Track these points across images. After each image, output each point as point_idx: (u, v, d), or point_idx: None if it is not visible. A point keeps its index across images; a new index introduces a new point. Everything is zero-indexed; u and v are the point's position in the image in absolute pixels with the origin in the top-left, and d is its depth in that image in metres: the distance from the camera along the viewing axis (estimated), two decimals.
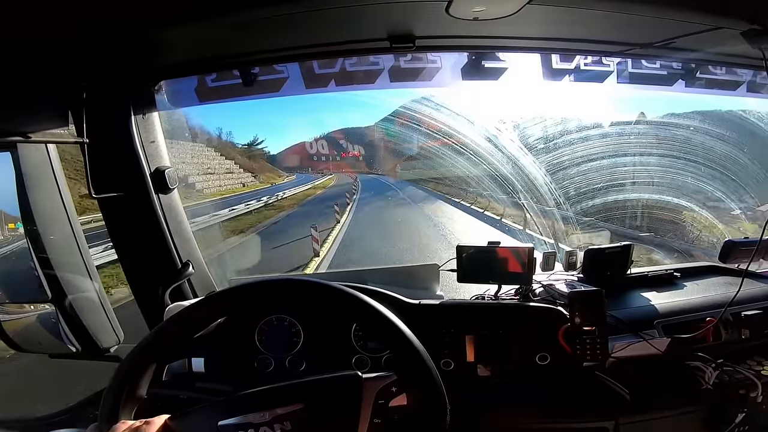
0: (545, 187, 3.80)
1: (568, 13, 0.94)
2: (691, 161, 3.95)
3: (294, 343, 1.26)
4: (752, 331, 1.26)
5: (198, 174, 14.32)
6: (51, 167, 1.18)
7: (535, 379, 1.19)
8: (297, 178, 22.36)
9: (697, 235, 3.57)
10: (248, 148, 21.78)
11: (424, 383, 0.71)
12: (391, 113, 10.29)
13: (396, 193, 16.21)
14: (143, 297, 1.34)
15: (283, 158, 23.21)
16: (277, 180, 21.93)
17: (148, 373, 0.73)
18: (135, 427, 0.65)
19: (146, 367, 0.73)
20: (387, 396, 0.73)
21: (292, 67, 1.39)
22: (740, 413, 1.10)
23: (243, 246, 8.28)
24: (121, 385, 0.70)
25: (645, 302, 1.42)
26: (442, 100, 5.57)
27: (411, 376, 0.72)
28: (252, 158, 22.25)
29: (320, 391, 0.74)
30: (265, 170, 22.38)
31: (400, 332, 0.74)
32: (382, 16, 0.96)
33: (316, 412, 0.70)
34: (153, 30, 0.90)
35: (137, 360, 0.73)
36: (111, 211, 1.26)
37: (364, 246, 8.18)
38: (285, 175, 23.20)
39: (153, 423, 0.66)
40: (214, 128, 22.27)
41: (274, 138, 29.57)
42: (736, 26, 0.93)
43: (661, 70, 1.44)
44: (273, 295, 0.82)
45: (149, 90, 1.27)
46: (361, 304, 0.77)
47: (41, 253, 1.20)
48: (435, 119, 6.09)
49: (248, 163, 21.67)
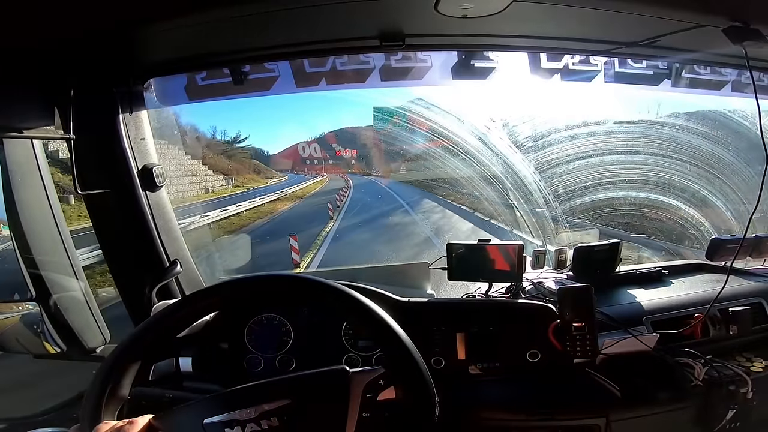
0: (534, 185, 3.84)
1: (554, 10, 0.95)
2: (677, 159, 4.01)
3: (284, 342, 1.25)
4: (739, 327, 1.28)
5: (180, 175, 13.92)
6: (37, 164, 1.17)
7: (525, 376, 1.20)
8: (288, 179, 22.03)
9: (684, 232, 3.63)
10: (229, 146, 21.21)
11: (411, 376, 0.71)
12: (387, 113, 10.25)
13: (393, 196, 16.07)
14: (129, 296, 1.32)
15: (274, 159, 22.97)
16: (259, 183, 21.38)
17: (130, 373, 0.71)
18: (117, 427, 0.63)
19: (129, 367, 0.71)
20: (375, 390, 0.73)
21: (283, 66, 1.39)
22: (731, 409, 1.11)
23: (232, 246, 8.20)
24: (102, 384, 0.69)
25: (633, 299, 1.44)
26: (433, 99, 5.58)
27: (398, 369, 0.72)
28: (233, 158, 21.74)
29: (307, 386, 0.73)
30: (245, 171, 21.85)
31: (386, 325, 0.74)
32: (372, 13, 0.95)
33: (304, 407, 0.69)
34: (139, 27, 0.88)
35: (119, 359, 0.71)
36: (97, 208, 1.24)
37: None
38: (277, 175, 22.89)
39: (136, 423, 0.64)
40: (206, 125, 21.80)
41: (263, 137, 29.14)
42: (717, 23, 0.94)
43: (648, 69, 1.47)
44: (257, 290, 0.81)
45: (138, 88, 1.25)
46: (346, 297, 0.76)
47: (25, 251, 1.18)
48: (426, 118, 6.11)
49: (228, 164, 21.19)
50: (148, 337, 0.74)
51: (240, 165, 21.33)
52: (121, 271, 1.32)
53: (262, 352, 1.24)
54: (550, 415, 1.09)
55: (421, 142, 10.84)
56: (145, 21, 0.85)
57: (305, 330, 1.26)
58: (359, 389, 0.72)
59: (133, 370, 0.72)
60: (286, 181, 21.47)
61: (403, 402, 0.71)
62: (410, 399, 0.70)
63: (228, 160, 20.50)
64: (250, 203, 13.81)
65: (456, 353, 1.20)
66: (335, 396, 0.71)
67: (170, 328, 0.77)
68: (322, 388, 0.73)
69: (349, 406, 0.70)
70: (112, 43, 0.96)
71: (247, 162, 21.80)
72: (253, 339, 1.25)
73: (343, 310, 0.77)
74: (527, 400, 1.14)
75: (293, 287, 0.79)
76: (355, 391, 0.71)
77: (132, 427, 0.63)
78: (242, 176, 20.82)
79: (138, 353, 0.73)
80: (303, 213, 13.50)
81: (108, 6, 0.79)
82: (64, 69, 1.04)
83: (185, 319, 0.78)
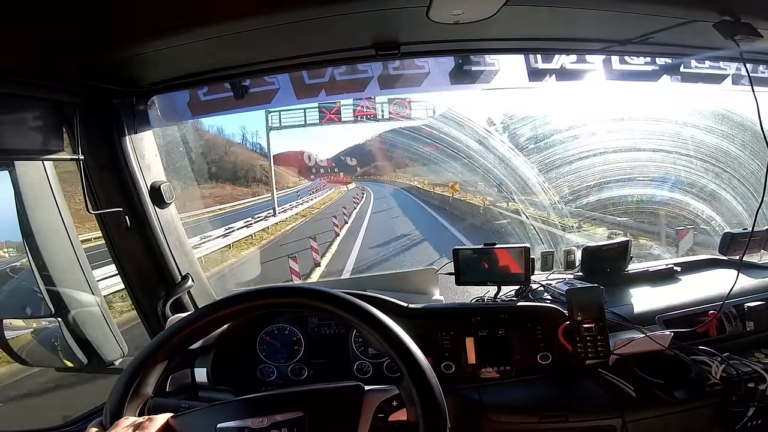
0: (539, 186, 3.83)
1: (545, 13, 0.96)
2: (683, 155, 3.97)
3: (295, 352, 1.26)
4: (756, 322, 1.25)
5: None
6: (49, 184, 1.20)
7: (537, 378, 1.19)
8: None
9: (695, 228, 3.57)
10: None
11: (427, 401, 0.69)
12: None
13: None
14: (145, 310, 1.35)
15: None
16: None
17: (156, 372, 0.74)
18: (137, 423, 0.65)
19: (155, 365, 0.74)
20: (387, 410, 0.72)
21: (282, 79, 1.42)
22: (751, 407, 1.08)
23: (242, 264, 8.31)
24: (129, 380, 0.71)
25: (645, 297, 1.42)
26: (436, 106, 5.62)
27: (414, 393, 0.70)
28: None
29: (321, 400, 0.73)
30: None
31: (405, 347, 0.72)
32: (366, 24, 0.97)
33: (315, 420, 0.69)
34: (140, 46, 0.91)
35: (147, 358, 0.74)
36: (109, 227, 1.26)
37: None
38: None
39: (155, 420, 0.66)
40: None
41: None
42: (708, 18, 0.94)
43: (646, 65, 1.46)
44: (270, 303, 0.81)
45: (141, 106, 1.28)
46: (364, 314, 0.75)
47: (43, 269, 1.21)
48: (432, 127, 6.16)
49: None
50: (175, 338, 0.77)
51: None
52: (135, 287, 1.35)
53: (274, 361, 1.26)
54: (564, 416, 1.07)
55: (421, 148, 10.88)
56: (145, 40, 0.88)
57: (316, 339, 1.27)
58: (371, 408, 0.71)
59: (159, 369, 0.74)
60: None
61: (415, 425, 0.69)
62: (422, 424, 0.68)
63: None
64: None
65: (466, 358, 1.19)
66: (347, 413, 0.71)
67: (197, 332, 0.79)
68: (335, 404, 0.72)
69: (360, 423, 0.69)
70: (115, 63, 0.99)
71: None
72: (266, 349, 1.27)
73: (361, 324, 0.76)
74: (540, 403, 1.13)
75: (312, 299, 0.79)
76: (367, 410, 0.71)
77: (151, 424, 0.65)
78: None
79: (166, 352, 0.75)
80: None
81: (110, 27, 0.82)
82: (69, 90, 1.07)
83: (213, 324, 0.79)
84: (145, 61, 1.01)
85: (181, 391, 1.14)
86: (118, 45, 0.89)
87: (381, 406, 0.72)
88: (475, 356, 1.19)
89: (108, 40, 0.86)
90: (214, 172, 19.62)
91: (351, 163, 20.05)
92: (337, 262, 8.22)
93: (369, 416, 0.70)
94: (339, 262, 8.30)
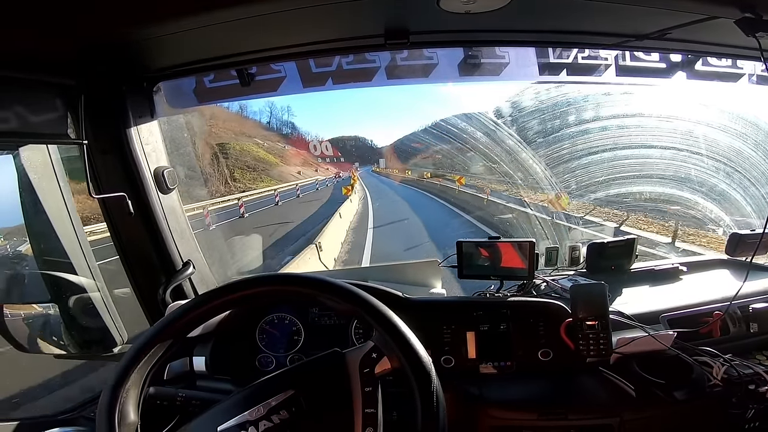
0: (546, 180, 3.79)
1: (559, 4, 0.93)
2: (695, 153, 3.91)
3: (295, 342, 1.26)
4: (760, 324, 1.24)
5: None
6: (53, 169, 1.20)
7: (537, 375, 1.19)
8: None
9: (702, 227, 3.53)
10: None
11: (398, 341, 0.73)
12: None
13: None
14: (145, 296, 1.35)
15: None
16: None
17: (154, 360, 0.75)
18: None
19: (153, 353, 0.75)
20: (371, 364, 0.75)
21: (289, 67, 1.40)
22: (751, 409, 1.08)
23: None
24: (126, 368, 0.72)
25: (650, 296, 1.41)
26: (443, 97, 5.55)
27: (387, 340, 0.74)
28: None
29: (306, 373, 0.76)
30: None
31: (365, 302, 0.77)
32: (375, 12, 0.95)
33: (308, 394, 0.72)
34: (147, 31, 0.90)
35: (145, 345, 0.74)
36: (112, 212, 1.27)
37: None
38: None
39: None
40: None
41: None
42: (729, 15, 0.91)
43: (660, 62, 1.43)
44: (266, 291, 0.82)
45: (147, 92, 1.28)
46: (327, 286, 0.79)
47: (44, 254, 1.22)
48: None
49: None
50: (172, 327, 0.78)
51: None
52: (136, 273, 1.35)
53: (273, 351, 1.26)
54: (563, 414, 1.07)
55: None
56: (152, 25, 0.87)
57: (315, 329, 1.27)
58: (355, 366, 0.75)
59: (157, 357, 0.75)
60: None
61: (399, 368, 0.73)
62: (406, 364, 0.72)
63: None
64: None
65: (466, 352, 1.19)
66: (335, 377, 0.74)
67: (199, 316, 0.80)
68: (321, 373, 0.76)
69: (351, 383, 0.73)
70: (122, 48, 0.98)
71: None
72: (265, 338, 1.27)
73: (324, 296, 0.80)
74: (539, 400, 1.13)
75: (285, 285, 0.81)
76: (353, 369, 0.74)
77: None
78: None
79: (171, 331, 0.77)
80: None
81: (116, 11, 0.81)
82: (75, 75, 1.06)
83: (214, 309, 0.80)
84: (153, 46, 1.00)
85: (179, 379, 1.15)
86: (126, 29, 0.88)
87: (363, 363, 0.75)
88: (475, 350, 1.19)
89: (115, 24, 0.85)
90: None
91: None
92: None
93: (357, 374, 0.74)
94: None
